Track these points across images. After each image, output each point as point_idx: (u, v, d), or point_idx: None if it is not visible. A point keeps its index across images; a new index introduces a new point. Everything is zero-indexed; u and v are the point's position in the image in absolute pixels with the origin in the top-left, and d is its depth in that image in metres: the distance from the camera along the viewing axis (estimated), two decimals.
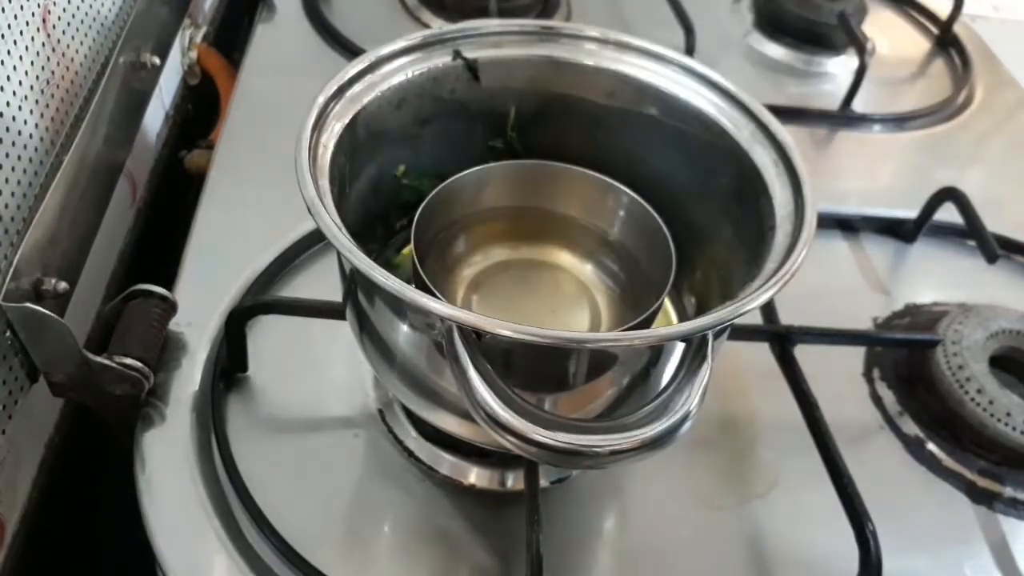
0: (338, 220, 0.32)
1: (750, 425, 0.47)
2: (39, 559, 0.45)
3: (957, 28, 0.80)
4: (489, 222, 0.44)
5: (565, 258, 0.44)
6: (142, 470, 0.40)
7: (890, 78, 0.76)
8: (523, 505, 0.37)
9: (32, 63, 0.42)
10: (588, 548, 0.41)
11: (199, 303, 0.47)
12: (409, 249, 0.41)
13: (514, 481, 0.42)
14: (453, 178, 0.42)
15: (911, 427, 0.48)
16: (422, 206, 0.40)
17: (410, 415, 0.44)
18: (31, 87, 0.42)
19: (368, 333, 0.37)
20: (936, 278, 0.57)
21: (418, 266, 0.37)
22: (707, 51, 0.68)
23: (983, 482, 0.46)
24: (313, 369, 0.46)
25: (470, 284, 0.42)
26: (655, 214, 0.41)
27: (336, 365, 0.46)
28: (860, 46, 0.70)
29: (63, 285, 0.40)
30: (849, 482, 0.41)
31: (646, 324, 0.36)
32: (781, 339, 0.48)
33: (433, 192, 0.41)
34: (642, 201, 0.41)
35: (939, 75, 0.78)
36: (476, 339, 0.30)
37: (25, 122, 0.42)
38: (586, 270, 0.43)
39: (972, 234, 0.54)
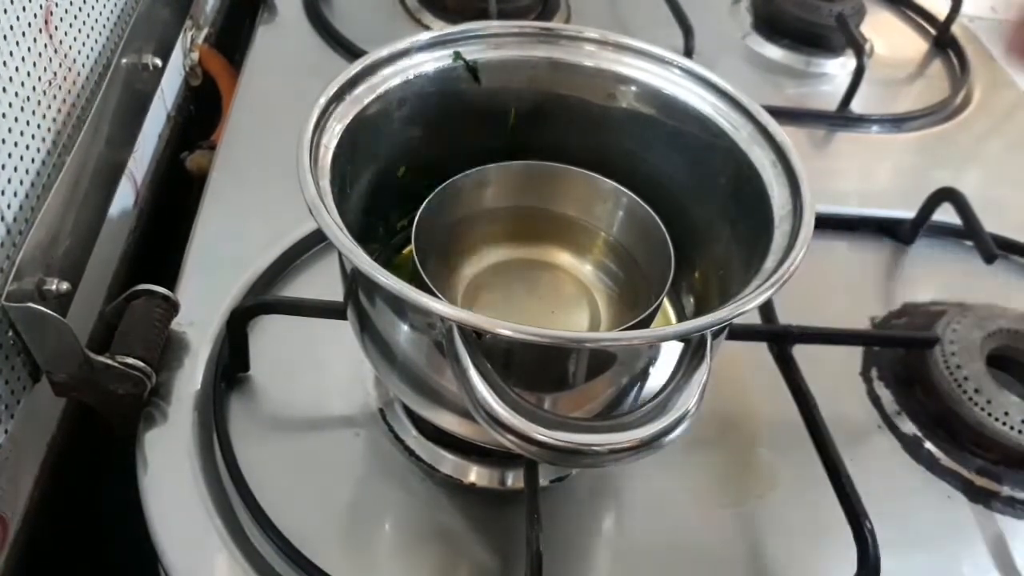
0: (339, 220, 0.32)
1: (749, 425, 0.47)
2: (42, 558, 0.45)
3: (955, 29, 0.80)
4: (489, 222, 0.44)
5: (564, 258, 0.44)
6: (144, 469, 0.41)
7: (888, 79, 0.76)
8: (523, 504, 0.37)
9: (34, 64, 0.42)
10: (587, 546, 0.41)
11: (201, 303, 0.47)
12: (410, 249, 0.42)
13: (514, 480, 0.42)
14: (453, 179, 0.42)
15: (909, 426, 0.48)
16: (423, 207, 0.40)
17: (411, 414, 0.44)
18: (33, 88, 0.42)
19: (369, 333, 0.37)
20: (934, 278, 0.58)
21: (419, 266, 0.38)
22: (706, 52, 0.69)
23: (981, 481, 0.46)
24: (314, 369, 0.46)
25: (470, 284, 0.42)
26: (654, 214, 0.41)
27: (337, 364, 0.46)
28: (858, 47, 0.70)
29: (65, 285, 0.40)
30: (847, 481, 0.41)
31: (645, 324, 0.37)
32: (779, 339, 0.48)
33: (433, 193, 0.41)
34: (641, 202, 0.41)
35: (937, 76, 0.78)
36: (476, 339, 0.30)
37: (27, 123, 0.42)
38: (585, 270, 0.44)
39: (970, 234, 0.54)
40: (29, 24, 0.42)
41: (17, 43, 0.41)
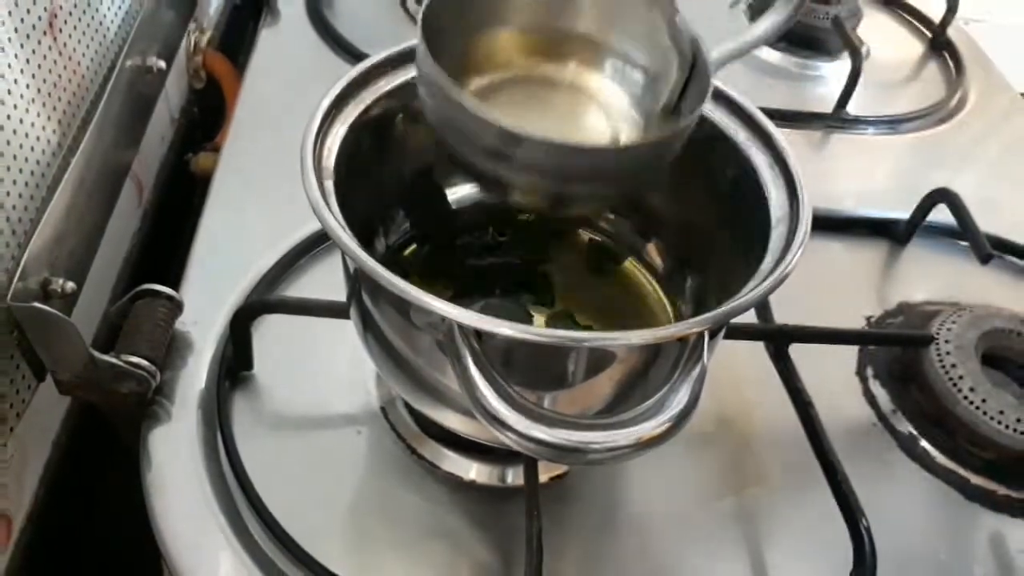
0: (342, 221, 0.33)
1: (745, 423, 0.47)
2: (46, 556, 0.45)
3: (950, 32, 0.81)
4: (511, 29, 0.41)
5: (589, 78, 0.42)
6: (148, 468, 0.41)
7: (884, 81, 0.77)
8: (523, 501, 0.38)
9: (39, 67, 0.43)
10: (587, 543, 0.41)
11: (205, 303, 0.47)
12: (413, 250, 0.42)
13: (514, 477, 0.43)
14: None
15: (904, 425, 0.48)
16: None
17: (412, 412, 0.44)
18: (38, 90, 0.43)
19: (372, 332, 0.37)
20: (929, 278, 0.58)
21: (425, 46, 0.35)
22: None
23: (976, 480, 0.46)
24: (317, 367, 0.47)
25: (484, 88, 0.40)
26: (699, 41, 0.39)
27: (339, 363, 0.47)
28: (854, 49, 0.70)
29: (70, 285, 0.40)
30: (844, 480, 0.42)
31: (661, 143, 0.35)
32: (776, 338, 0.48)
33: None
34: (685, 26, 0.39)
35: (933, 78, 0.78)
36: (477, 337, 0.30)
37: (32, 124, 0.42)
38: (610, 92, 0.41)
39: (965, 235, 0.55)
40: (34, 27, 0.42)
41: (22, 46, 0.41)
